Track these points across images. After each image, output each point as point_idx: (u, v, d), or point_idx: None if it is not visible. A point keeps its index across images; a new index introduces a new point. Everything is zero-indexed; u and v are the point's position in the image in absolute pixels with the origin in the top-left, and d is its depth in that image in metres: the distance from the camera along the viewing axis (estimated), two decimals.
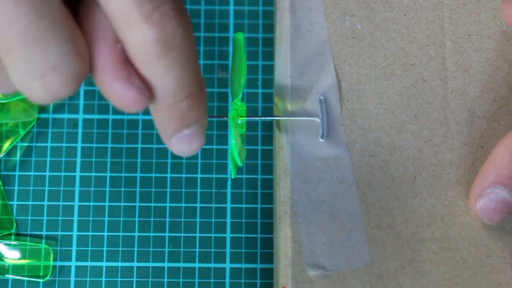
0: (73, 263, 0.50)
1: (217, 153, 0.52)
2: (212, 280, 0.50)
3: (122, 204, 0.51)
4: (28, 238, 0.51)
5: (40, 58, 0.31)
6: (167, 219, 0.51)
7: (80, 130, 0.52)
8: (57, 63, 0.31)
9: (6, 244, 0.50)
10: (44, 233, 0.51)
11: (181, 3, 0.32)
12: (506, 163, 0.42)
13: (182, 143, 0.35)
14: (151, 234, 0.51)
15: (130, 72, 0.32)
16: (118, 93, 0.32)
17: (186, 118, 0.34)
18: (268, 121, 0.52)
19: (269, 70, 0.53)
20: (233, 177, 0.47)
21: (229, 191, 0.52)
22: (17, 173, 0.52)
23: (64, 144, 0.52)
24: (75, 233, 0.51)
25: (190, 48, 0.32)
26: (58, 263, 0.50)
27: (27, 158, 0.52)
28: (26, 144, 0.52)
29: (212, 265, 0.50)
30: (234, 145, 0.41)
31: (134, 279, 0.50)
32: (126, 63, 0.32)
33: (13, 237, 0.51)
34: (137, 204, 0.51)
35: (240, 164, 0.42)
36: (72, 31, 0.31)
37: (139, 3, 0.31)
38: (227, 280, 0.50)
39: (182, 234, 0.51)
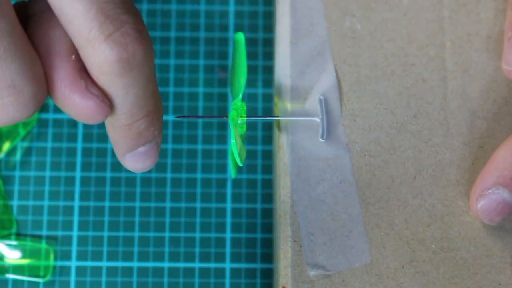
0: (73, 263, 0.50)
1: (217, 153, 0.52)
2: (212, 280, 0.50)
3: (122, 204, 0.51)
4: (28, 238, 0.51)
5: None
6: (167, 219, 0.51)
7: (80, 130, 0.52)
8: (14, 82, 0.31)
9: (6, 244, 0.50)
10: (44, 233, 0.51)
11: (142, 23, 0.32)
12: (508, 165, 0.42)
13: (136, 161, 0.35)
14: (151, 234, 0.51)
15: (87, 81, 0.32)
16: (78, 104, 0.32)
17: (141, 137, 0.34)
18: (268, 121, 0.52)
19: (269, 70, 0.54)
20: (233, 177, 0.47)
21: (229, 191, 0.52)
22: (17, 173, 0.52)
23: (64, 144, 0.52)
24: (75, 233, 0.51)
25: (149, 68, 0.33)
26: (58, 263, 0.50)
27: (27, 158, 0.52)
28: (26, 144, 0.52)
29: (212, 265, 0.50)
30: (234, 145, 0.41)
31: (134, 279, 0.50)
32: (82, 73, 0.32)
33: (13, 237, 0.51)
34: (137, 204, 0.51)
35: (240, 164, 0.42)
36: (28, 50, 0.31)
37: (100, 23, 0.31)
38: (227, 280, 0.50)
39: (182, 234, 0.51)
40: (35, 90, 0.31)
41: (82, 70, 0.32)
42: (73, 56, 0.32)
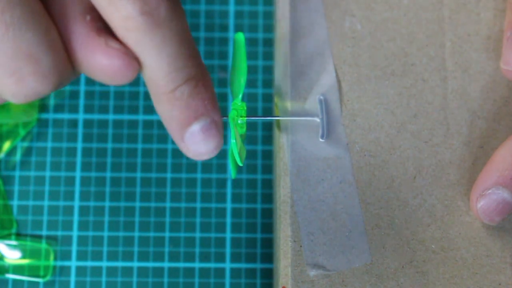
0: (73, 263, 0.50)
1: (217, 153, 0.52)
2: (212, 280, 0.50)
3: (122, 204, 0.51)
4: (28, 238, 0.51)
5: (14, 47, 0.30)
6: (167, 219, 0.51)
7: (80, 130, 0.52)
8: (31, 51, 0.30)
9: (6, 244, 0.50)
10: (44, 233, 0.51)
11: None
12: (508, 165, 0.42)
13: (196, 142, 0.33)
14: (151, 234, 0.51)
15: (107, 38, 0.31)
16: (102, 63, 0.31)
17: (190, 108, 0.32)
18: (268, 121, 0.52)
19: (269, 70, 0.54)
20: (233, 177, 0.47)
21: (229, 191, 0.52)
22: (17, 173, 0.52)
23: (64, 144, 0.52)
24: (75, 233, 0.51)
25: (180, 26, 0.31)
26: (58, 263, 0.50)
27: (27, 158, 0.52)
28: (26, 144, 0.52)
29: (212, 265, 0.50)
30: (234, 144, 0.41)
31: (134, 279, 0.50)
32: (101, 32, 0.31)
33: (13, 237, 0.51)
34: (137, 204, 0.51)
35: (240, 164, 0.42)
36: (43, 17, 0.30)
37: None
38: (227, 280, 0.50)
39: (182, 234, 0.51)
40: (54, 59, 0.30)
41: (101, 30, 0.31)
42: (88, 17, 0.31)
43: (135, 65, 0.32)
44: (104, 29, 0.32)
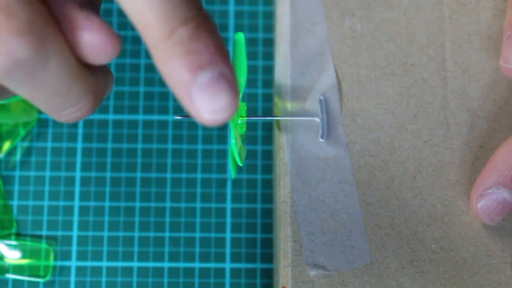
0: (73, 263, 0.50)
1: (217, 153, 0.52)
2: (212, 280, 0.50)
3: (122, 204, 0.51)
4: (28, 238, 0.51)
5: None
6: (167, 219, 0.51)
7: (80, 130, 0.52)
8: (8, 3, 0.28)
9: (6, 244, 0.50)
10: (44, 233, 0.51)
11: None
12: (508, 164, 0.42)
13: (206, 98, 0.28)
14: (151, 234, 0.51)
15: (88, 12, 0.30)
16: (82, 37, 0.30)
17: (193, 54, 0.28)
18: (268, 121, 0.52)
19: (269, 70, 0.53)
20: (233, 177, 0.47)
21: (229, 191, 0.52)
22: (17, 173, 0.52)
23: (64, 144, 0.52)
24: (75, 233, 0.51)
25: None
26: (58, 263, 0.50)
27: (27, 158, 0.52)
28: (26, 144, 0.52)
29: (212, 265, 0.50)
30: (234, 144, 0.41)
31: (134, 279, 0.50)
32: (83, 6, 0.30)
33: (13, 237, 0.51)
34: (137, 204, 0.51)
35: (240, 164, 0.42)
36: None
37: None
38: (227, 280, 0.50)
39: (182, 234, 0.51)
40: (32, 16, 0.28)
41: (83, 5, 0.30)
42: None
43: (116, 41, 0.30)
44: (87, 4, 0.31)
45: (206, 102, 0.28)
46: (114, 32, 0.30)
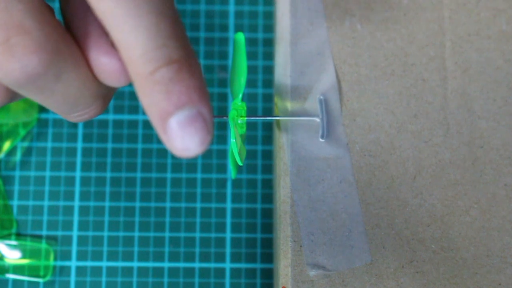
0: (73, 263, 0.50)
1: (217, 153, 0.52)
2: (212, 280, 0.50)
3: (122, 204, 0.51)
4: (28, 238, 0.51)
5: (4, 17, 0.29)
6: (167, 219, 0.51)
7: (80, 130, 0.52)
8: (22, 22, 0.29)
9: (6, 244, 0.50)
10: (44, 233, 0.51)
11: None
12: None
13: (178, 134, 0.29)
14: (151, 234, 0.51)
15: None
16: (101, 60, 0.31)
17: (172, 95, 0.29)
18: (268, 121, 0.52)
19: (269, 70, 0.54)
20: (233, 178, 0.47)
21: (229, 191, 0.52)
22: (17, 173, 0.52)
23: (64, 144, 0.52)
24: (75, 233, 0.51)
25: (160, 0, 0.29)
26: (58, 263, 0.50)
27: (27, 158, 0.52)
28: (26, 144, 0.52)
29: (212, 265, 0.50)
30: (234, 144, 0.41)
31: (134, 279, 0.50)
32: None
33: (13, 237, 0.51)
34: (137, 204, 0.51)
35: (240, 163, 0.42)
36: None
37: None
38: (227, 280, 0.50)
39: (182, 234, 0.51)
40: (45, 34, 0.29)
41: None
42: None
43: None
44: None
45: (178, 139, 0.30)
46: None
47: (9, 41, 0.29)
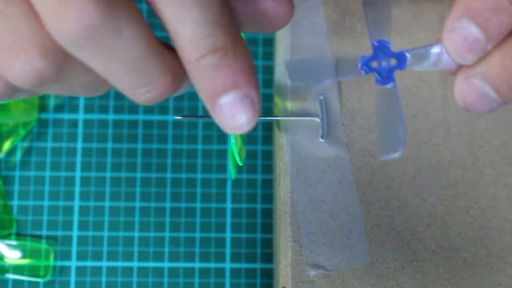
0: (73, 263, 0.50)
1: (217, 153, 0.52)
2: (212, 280, 0.50)
3: (122, 204, 0.51)
4: (28, 238, 0.51)
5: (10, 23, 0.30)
6: (167, 219, 0.51)
7: (80, 130, 0.52)
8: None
9: (6, 244, 0.50)
10: (44, 233, 0.51)
11: None
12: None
13: (225, 114, 0.31)
14: (151, 234, 0.51)
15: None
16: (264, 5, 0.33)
17: (217, 80, 0.31)
18: (268, 121, 0.52)
19: (269, 70, 0.53)
20: (233, 178, 0.47)
21: (229, 191, 0.52)
22: (17, 173, 0.52)
23: (64, 144, 0.52)
24: (75, 233, 0.51)
25: None
26: (58, 263, 0.50)
27: (27, 158, 0.52)
28: (26, 144, 0.52)
29: (212, 265, 0.50)
30: (234, 144, 0.41)
31: (134, 279, 0.50)
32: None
33: (13, 237, 0.51)
34: (137, 204, 0.51)
35: (240, 164, 0.42)
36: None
37: None
38: (227, 280, 0.50)
39: (182, 234, 0.51)
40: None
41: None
42: None
43: (292, 9, 0.32)
44: None
45: (226, 119, 0.31)
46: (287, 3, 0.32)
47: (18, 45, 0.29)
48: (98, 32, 0.29)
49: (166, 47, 0.32)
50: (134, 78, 0.31)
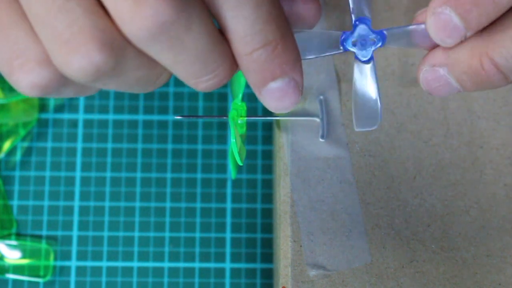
0: (73, 263, 0.50)
1: (217, 153, 0.52)
2: (212, 280, 0.50)
3: (122, 204, 0.51)
4: (28, 238, 0.51)
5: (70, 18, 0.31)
6: (167, 219, 0.51)
7: (80, 130, 0.52)
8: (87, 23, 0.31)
9: (6, 244, 0.50)
10: (44, 233, 0.51)
11: None
12: None
13: (271, 98, 0.34)
14: (151, 234, 0.51)
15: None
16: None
17: (267, 71, 0.33)
18: (268, 121, 0.52)
19: None
20: (233, 178, 0.47)
21: (229, 191, 0.52)
22: (17, 173, 0.52)
23: (64, 144, 0.52)
24: (75, 233, 0.51)
25: None
26: (58, 263, 0.50)
27: (27, 158, 0.52)
28: (26, 144, 0.52)
29: (212, 265, 0.50)
30: (234, 144, 0.41)
31: (134, 279, 0.50)
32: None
33: (13, 237, 0.51)
34: (137, 204, 0.51)
35: (240, 163, 0.42)
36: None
37: None
38: (227, 280, 0.50)
39: (182, 234, 0.51)
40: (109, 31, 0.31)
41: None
42: None
43: (320, 11, 0.34)
44: None
45: (271, 102, 0.34)
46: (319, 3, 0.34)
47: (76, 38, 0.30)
48: (172, 28, 0.31)
49: (222, 35, 0.33)
50: (199, 68, 0.33)
